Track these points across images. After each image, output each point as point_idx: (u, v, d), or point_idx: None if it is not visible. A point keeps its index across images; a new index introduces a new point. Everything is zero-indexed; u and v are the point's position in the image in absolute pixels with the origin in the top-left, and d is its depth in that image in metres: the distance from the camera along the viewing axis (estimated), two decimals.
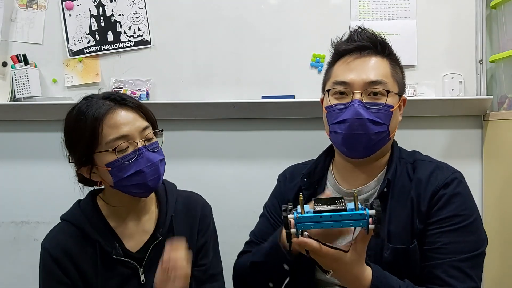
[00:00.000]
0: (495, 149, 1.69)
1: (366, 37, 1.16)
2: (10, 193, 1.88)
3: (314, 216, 0.89)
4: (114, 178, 1.10)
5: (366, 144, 1.12)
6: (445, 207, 1.11)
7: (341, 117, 1.12)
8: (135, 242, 1.19)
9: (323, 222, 0.89)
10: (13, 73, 1.77)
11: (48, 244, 1.17)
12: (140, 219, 1.21)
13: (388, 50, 1.18)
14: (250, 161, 1.84)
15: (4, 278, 1.89)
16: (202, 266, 1.25)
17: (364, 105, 1.10)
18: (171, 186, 1.29)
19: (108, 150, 1.07)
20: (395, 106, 1.13)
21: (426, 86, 1.74)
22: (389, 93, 1.12)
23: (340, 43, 1.20)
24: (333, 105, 1.14)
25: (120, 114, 1.09)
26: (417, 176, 1.15)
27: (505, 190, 1.60)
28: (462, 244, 1.08)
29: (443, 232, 1.09)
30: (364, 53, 1.15)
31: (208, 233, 1.27)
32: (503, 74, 1.68)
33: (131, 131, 1.09)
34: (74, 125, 1.11)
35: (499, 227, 1.62)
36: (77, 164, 1.14)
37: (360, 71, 1.13)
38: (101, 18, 1.82)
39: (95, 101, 1.11)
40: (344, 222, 0.89)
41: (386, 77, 1.14)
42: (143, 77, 1.81)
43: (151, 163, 1.10)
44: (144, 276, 1.16)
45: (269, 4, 1.78)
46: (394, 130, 1.17)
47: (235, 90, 1.79)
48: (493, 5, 1.70)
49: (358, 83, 1.12)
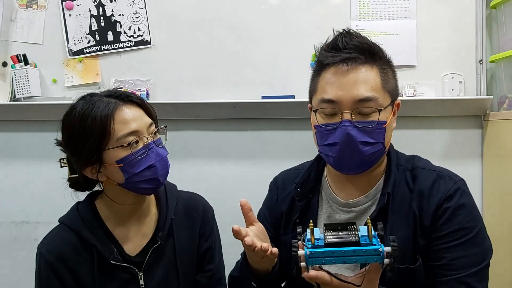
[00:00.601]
0: (495, 149, 1.68)
1: (352, 45, 1.05)
2: (10, 193, 1.89)
3: (326, 251, 0.86)
4: (126, 174, 1.08)
5: (360, 164, 1.06)
6: (449, 221, 1.05)
7: (331, 140, 1.04)
8: (134, 246, 1.17)
9: (335, 257, 0.86)
10: (13, 73, 1.78)
11: (44, 248, 1.14)
12: (141, 221, 1.18)
13: (378, 55, 1.07)
14: (250, 161, 1.84)
15: (4, 278, 1.89)
16: (209, 272, 1.23)
17: (354, 125, 1.01)
18: (171, 188, 1.26)
19: (122, 145, 1.06)
20: (388, 120, 1.04)
21: (426, 86, 1.74)
22: (381, 110, 1.03)
23: (322, 52, 1.09)
24: (321, 125, 1.06)
25: (128, 110, 1.09)
26: (418, 188, 1.09)
27: (505, 190, 1.60)
28: (468, 258, 1.04)
29: (449, 248, 1.05)
30: (351, 64, 1.03)
31: (212, 237, 1.25)
32: (503, 74, 1.68)
33: (140, 126, 1.08)
34: (80, 124, 1.07)
35: (499, 227, 1.62)
36: (83, 164, 1.10)
37: (347, 87, 1.02)
38: (101, 18, 1.82)
39: (99, 99, 1.09)
40: (358, 257, 0.85)
41: (377, 90, 1.03)
42: (143, 77, 1.81)
43: (161, 158, 1.10)
44: (143, 280, 1.14)
45: (269, 4, 1.78)
46: (389, 141, 1.10)
47: (235, 90, 1.79)
48: (493, 5, 1.70)
49: (347, 101, 1.01)
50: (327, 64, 1.05)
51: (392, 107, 1.08)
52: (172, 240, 1.19)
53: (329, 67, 1.05)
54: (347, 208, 1.13)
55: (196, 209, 1.26)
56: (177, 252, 1.18)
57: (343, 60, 1.04)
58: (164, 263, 1.17)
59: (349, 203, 1.12)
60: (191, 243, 1.22)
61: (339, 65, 1.04)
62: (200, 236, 1.24)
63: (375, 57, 1.06)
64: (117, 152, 1.07)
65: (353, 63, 1.03)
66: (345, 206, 1.13)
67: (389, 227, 1.07)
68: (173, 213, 1.20)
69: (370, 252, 0.85)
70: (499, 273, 1.61)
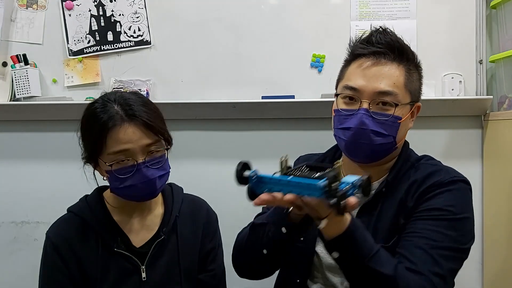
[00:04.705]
0: (495, 149, 1.69)
1: (385, 42, 1.11)
2: (10, 193, 1.88)
3: (273, 178, 0.86)
4: (111, 184, 1.15)
5: (368, 153, 1.11)
6: (431, 199, 1.08)
7: (346, 124, 1.10)
8: (139, 238, 1.20)
9: (281, 186, 0.86)
10: (13, 73, 1.77)
11: (51, 232, 1.20)
12: (145, 217, 1.22)
13: (406, 56, 1.13)
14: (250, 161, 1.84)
15: (4, 278, 1.89)
16: (212, 271, 1.26)
17: (370, 114, 1.08)
18: (178, 189, 1.31)
19: (110, 160, 1.09)
20: (404, 117, 1.11)
21: (426, 86, 1.71)
22: (398, 106, 1.09)
23: (356, 44, 1.15)
24: (341, 109, 1.12)
25: (127, 131, 1.09)
26: (414, 177, 1.13)
27: (505, 190, 1.60)
28: (438, 234, 1.03)
29: (420, 219, 1.06)
30: (380, 58, 1.10)
31: (216, 238, 1.29)
32: (503, 74, 1.68)
33: (134, 147, 1.09)
34: (86, 125, 1.14)
35: (499, 227, 1.62)
36: (85, 157, 1.17)
37: (371, 78, 1.09)
38: (101, 18, 1.82)
39: (110, 107, 1.11)
40: (302, 190, 0.84)
41: (398, 87, 1.10)
42: (143, 77, 1.81)
43: (147, 180, 1.11)
44: (145, 273, 1.17)
45: (269, 4, 1.78)
46: (402, 139, 1.15)
47: (235, 90, 1.79)
48: (493, 5, 1.70)
49: (368, 92, 1.08)
50: (358, 54, 1.13)
51: (411, 108, 1.14)
52: (175, 236, 1.22)
53: (359, 58, 1.13)
54: None
55: (201, 211, 1.29)
56: (180, 249, 1.21)
57: (373, 53, 1.11)
58: (166, 258, 1.20)
59: None
60: (194, 242, 1.25)
61: (368, 57, 1.11)
62: (204, 236, 1.27)
63: (403, 57, 1.12)
64: (106, 164, 1.11)
65: (382, 58, 1.11)
66: None
67: (379, 210, 1.12)
68: (178, 211, 1.24)
69: (311, 185, 0.82)
70: (499, 273, 1.61)
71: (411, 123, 1.17)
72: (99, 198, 1.23)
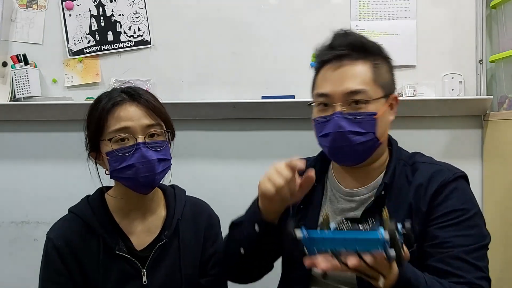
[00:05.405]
0: (495, 149, 1.69)
1: (346, 43, 1.13)
2: (10, 193, 1.88)
3: (326, 237, 0.80)
4: (110, 168, 1.14)
5: (353, 154, 1.11)
6: (444, 202, 1.09)
7: (325, 131, 1.11)
8: (140, 241, 1.19)
9: (336, 244, 0.79)
10: (13, 73, 1.77)
11: (52, 234, 1.19)
12: (146, 219, 1.21)
13: (370, 51, 1.14)
14: (250, 161, 1.84)
15: (4, 278, 1.88)
16: (213, 276, 1.25)
17: (345, 116, 1.09)
18: (180, 191, 1.30)
19: (111, 139, 1.11)
20: (379, 112, 1.10)
21: (426, 86, 1.74)
22: (370, 102, 1.09)
23: (320, 52, 1.17)
24: (317, 118, 1.15)
25: (129, 109, 1.13)
26: (417, 180, 1.13)
27: (505, 190, 1.60)
28: (463, 237, 1.05)
29: (443, 227, 1.07)
30: (343, 60, 1.12)
31: (217, 242, 1.28)
32: (503, 74, 1.68)
33: (134, 125, 1.11)
34: (89, 112, 1.16)
35: (499, 227, 1.62)
36: (89, 148, 1.18)
37: (338, 81, 1.10)
38: (101, 18, 1.82)
39: (113, 93, 1.16)
40: (360, 245, 0.78)
41: (366, 83, 1.10)
42: (143, 77, 1.81)
43: (146, 160, 1.11)
44: (146, 277, 1.16)
45: (269, 4, 1.78)
46: (383, 134, 1.15)
47: (235, 90, 1.79)
48: (493, 5, 1.70)
49: (337, 95, 1.10)
50: (323, 61, 1.15)
51: (387, 100, 1.14)
52: (177, 240, 1.21)
53: (325, 64, 1.15)
54: (348, 197, 1.18)
55: (203, 214, 1.29)
56: (181, 253, 1.20)
57: (336, 57, 1.13)
58: (167, 262, 1.19)
59: (351, 192, 1.17)
60: (195, 246, 1.24)
61: (332, 61, 1.13)
62: (206, 240, 1.26)
63: (367, 53, 1.13)
64: (107, 145, 1.12)
65: (345, 59, 1.12)
66: (346, 194, 1.18)
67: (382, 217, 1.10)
68: (180, 214, 1.23)
69: (371, 239, 0.77)
70: (499, 273, 1.61)
71: (392, 116, 1.17)
72: (101, 199, 1.21)
